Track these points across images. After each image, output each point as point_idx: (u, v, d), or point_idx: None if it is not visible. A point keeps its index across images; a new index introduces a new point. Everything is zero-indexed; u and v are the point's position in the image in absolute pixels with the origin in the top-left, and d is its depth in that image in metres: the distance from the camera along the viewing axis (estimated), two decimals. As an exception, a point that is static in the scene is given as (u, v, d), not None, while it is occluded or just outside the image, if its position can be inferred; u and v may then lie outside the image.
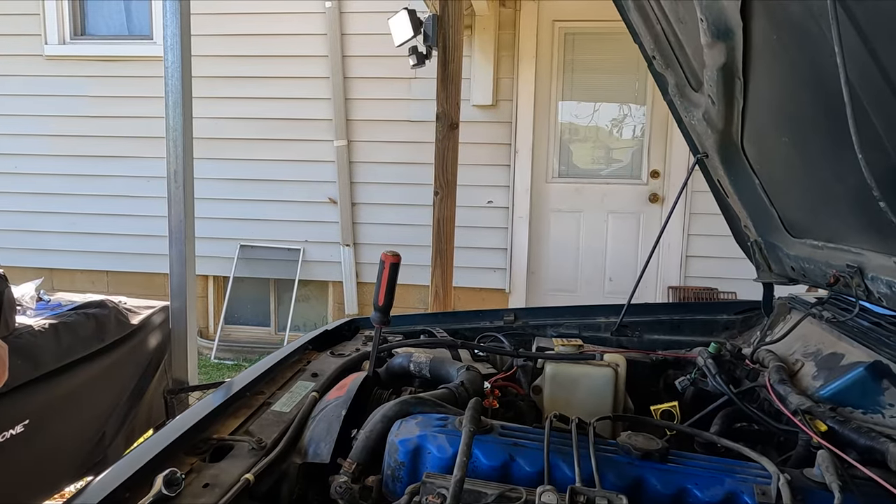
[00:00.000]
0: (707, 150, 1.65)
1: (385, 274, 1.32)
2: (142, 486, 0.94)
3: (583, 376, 1.47)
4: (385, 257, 1.32)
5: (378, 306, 1.34)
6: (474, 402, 1.07)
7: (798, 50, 1.07)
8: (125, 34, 5.53)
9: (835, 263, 1.33)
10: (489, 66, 4.95)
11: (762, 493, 0.96)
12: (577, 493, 0.90)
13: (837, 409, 1.19)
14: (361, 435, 1.13)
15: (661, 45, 1.61)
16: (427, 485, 0.95)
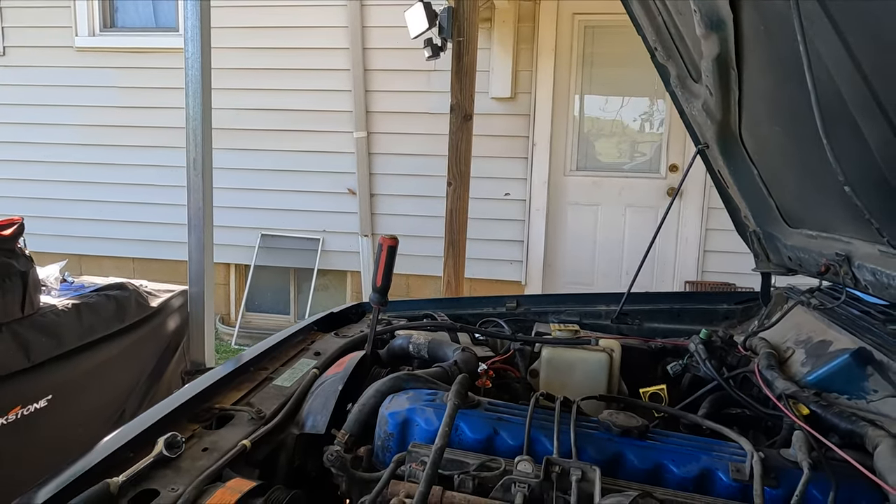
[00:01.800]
0: (707, 140, 1.66)
1: (383, 257, 1.37)
2: (145, 447, 1.00)
3: (578, 360, 1.50)
4: (383, 240, 1.37)
5: (376, 287, 1.39)
6: (461, 378, 1.12)
7: (783, 42, 1.09)
8: (153, 26, 5.66)
9: (826, 252, 1.34)
10: (508, 59, 4.97)
11: (736, 470, 1.00)
12: (552, 464, 0.94)
13: (822, 395, 1.21)
14: (355, 408, 1.18)
15: (663, 36, 1.63)
16: (412, 454, 1.00)
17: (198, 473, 0.95)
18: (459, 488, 0.96)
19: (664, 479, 1.02)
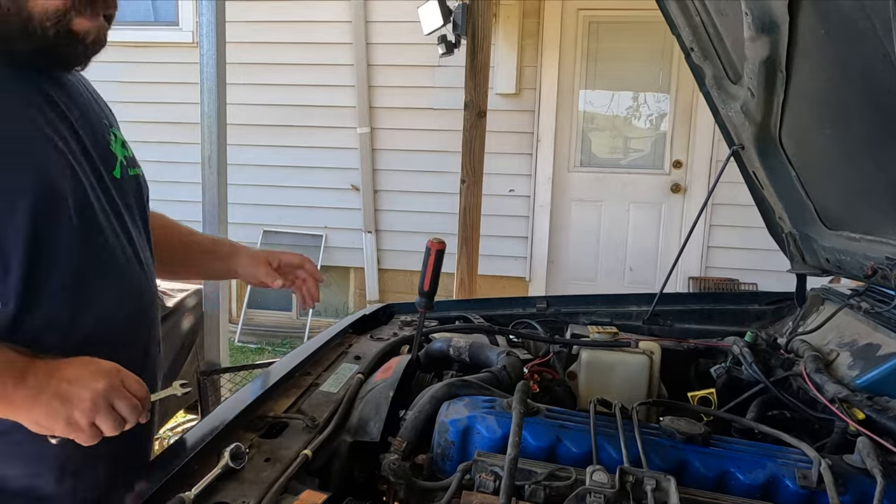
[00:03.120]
0: (743, 142, 1.66)
1: (431, 260, 1.35)
2: (208, 458, 0.99)
3: (618, 363, 1.50)
4: (431, 244, 1.35)
5: (423, 291, 1.37)
6: (523, 385, 1.11)
7: (846, 44, 1.08)
8: (152, 20, 5.59)
9: (873, 255, 1.35)
10: (513, 55, 4.96)
11: (803, 477, 1.00)
12: (626, 473, 0.94)
13: (875, 398, 1.21)
14: (410, 415, 1.17)
15: (700, 37, 1.62)
16: (479, 463, 0.99)
17: (265, 485, 0.94)
18: (530, 498, 0.95)
19: (730, 486, 1.02)
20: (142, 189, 1.26)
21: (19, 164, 0.96)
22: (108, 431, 0.94)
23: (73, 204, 1.01)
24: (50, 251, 0.99)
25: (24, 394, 0.90)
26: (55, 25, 1.00)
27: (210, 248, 1.53)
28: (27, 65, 1.03)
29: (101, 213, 1.07)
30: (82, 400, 0.91)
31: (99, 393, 0.92)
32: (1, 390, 0.89)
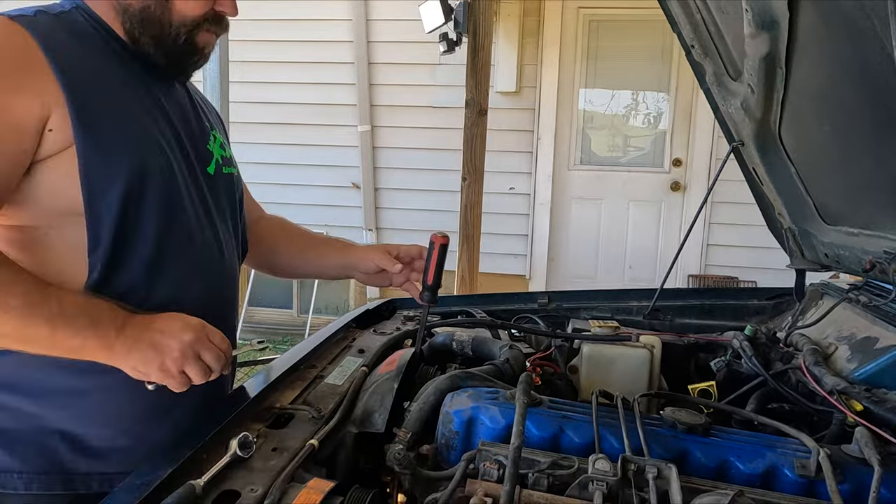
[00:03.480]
0: (743, 138, 1.68)
1: (434, 255, 1.37)
2: (216, 449, 1.00)
3: (619, 357, 1.51)
4: (435, 238, 1.37)
5: (427, 285, 1.39)
6: (526, 377, 1.13)
7: (845, 41, 1.10)
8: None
9: (871, 250, 1.36)
10: (513, 53, 4.98)
11: (802, 467, 1.01)
12: (628, 461, 0.95)
13: (872, 391, 1.23)
14: (415, 406, 1.19)
15: (701, 34, 1.64)
16: (483, 452, 1.01)
17: (273, 473, 0.96)
18: (534, 486, 0.97)
19: (730, 475, 1.04)
20: (234, 187, 1.36)
21: (123, 150, 1.07)
22: (196, 379, 1.05)
23: (164, 191, 1.12)
24: (136, 230, 1.10)
25: (123, 342, 1.01)
26: (186, 34, 1.14)
27: (327, 241, 1.60)
28: (149, 65, 1.16)
29: (188, 202, 1.18)
30: (172, 349, 1.02)
31: (187, 343, 1.04)
32: (104, 339, 1.00)
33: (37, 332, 0.97)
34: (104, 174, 1.05)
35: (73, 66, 1.04)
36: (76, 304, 1.00)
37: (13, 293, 0.95)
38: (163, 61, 1.17)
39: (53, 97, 1.01)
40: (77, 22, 1.11)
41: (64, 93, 1.01)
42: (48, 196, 1.05)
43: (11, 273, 0.97)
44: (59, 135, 1.02)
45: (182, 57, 1.18)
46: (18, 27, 1.02)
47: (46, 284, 0.99)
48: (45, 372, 1.09)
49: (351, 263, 1.52)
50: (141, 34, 1.13)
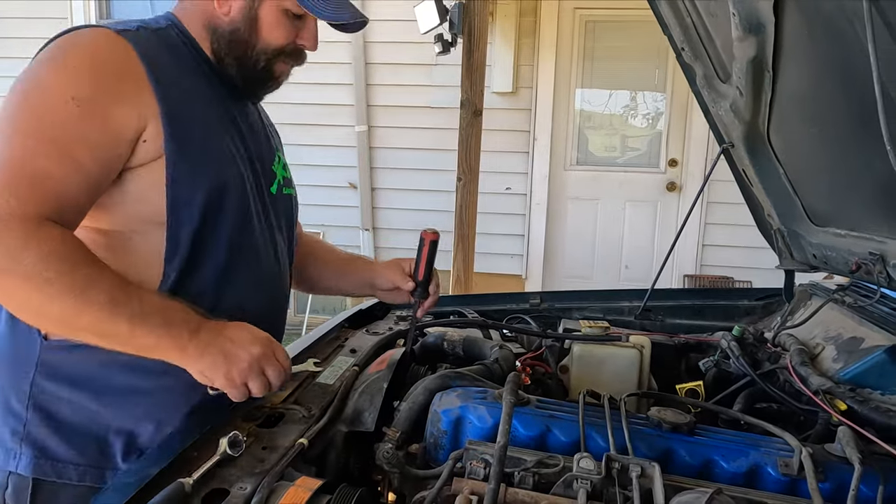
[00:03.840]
0: (733, 140, 1.69)
1: (425, 251, 1.39)
2: (206, 447, 1.02)
3: (609, 357, 1.53)
4: (425, 235, 1.39)
5: (417, 281, 1.41)
6: (514, 376, 1.14)
7: (828, 45, 1.11)
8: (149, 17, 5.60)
9: (857, 251, 1.38)
10: (510, 53, 4.99)
11: (785, 465, 1.03)
12: (612, 460, 0.96)
13: (857, 390, 1.24)
14: (404, 406, 1.20)
15: (691, 36, 1.65)
16: (470, 451, 1.02)
17: (263, 472, 0.97)
18: (519, 485, 0.98)
19: (714, 474, 1.05)
20: (292, 208, 1.44)
21: (206, 163, 1.14)
22: (256, 392, 1.10)
23: (237, 206, 1.20)
24: (211, 240, 1.16)
25: (196, 345, 1.04)
26: (265, 61, 1.22)
27: (351, 261, 1.63)
28: (229, 84, 1.23)
29: (255, 218, 1.25)
30: (241, 360, 1.07)
31: (255, 357, 1.08)
32: (178, 340, 1.03)
33: (117, 329, 1.00)
34: (188, 186, 1.11)
35: (168, 81, 1.10)
36: (155, 305, 1.03)
37: (99, 289, 0.98)
38: (241, 83, 1.25)
39: (150, 110, 1.07)
40: (172, 38, 1.18)
41: (159, 106, 1.07)
42: (134, 203, 1.11)
43: (98, 270, 1.01)
44: (152, 146, 1.08)
45: (258, 81, 1.26)
46: (122, 41, 1.07)
47: (129, 283, 1.03)
48: (109, 370, 1.13)
49: (370, 281, 1.55)
50: (226, 55, 1.21)
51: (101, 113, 1.03)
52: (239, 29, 1.19)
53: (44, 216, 0.97)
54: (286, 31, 1.21)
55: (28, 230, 0.95)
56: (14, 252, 0.93)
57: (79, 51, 1.06)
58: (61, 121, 1.01)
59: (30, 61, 1.09)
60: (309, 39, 1.25)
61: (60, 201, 1.00)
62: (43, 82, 1.04)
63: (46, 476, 1.13)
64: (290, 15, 1.20)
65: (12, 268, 0.94)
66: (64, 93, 1.02)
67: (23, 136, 1.00)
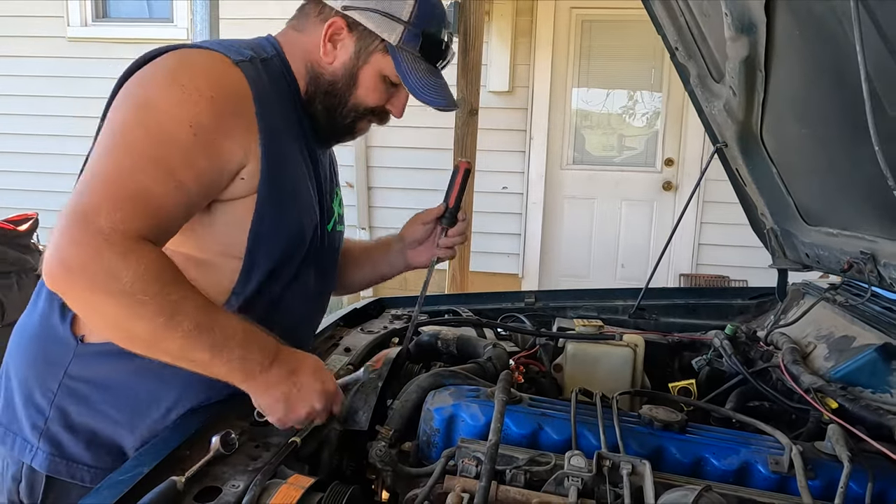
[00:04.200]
0: (726, 139, 1.70)
1: (459, 177, 1.47)
2: (199, 445, 1.02)
3: (603, 355, 1.53)
4: (460, 163, 1.48)
5: (448, 208, 1.47)
6: (506, 375, 1.14)
7: (819, 45, 1.12)
8: (146, 17, 5.60)
9: (849, 250, 1.38)
10: (506, 53, 4.99)
11: (775, 463, 1.03)
12: (603, 458, 0.97)
13: (848, 389, 1.25)
14: (397, 404, 1.20)
15: (685, 36, 1.66)
16: (462, 449, 1.03)
17: (255, 469, 0.97)
18: (511, 482, 0.98)
19: (705, 471, 1.06)
20: (340, 243, 1.47)
21: (290, 210, 1.17)
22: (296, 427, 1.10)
23: (304, 250, 1.23)
24: (276, 278, 1.19)
25: (264, 381, 1.04)
26: (352, 118, 1.26)
27: (377, 244, 1.66)
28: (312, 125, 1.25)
29: (313, 254, 1.27)
30: (299, 410, 1.07)
31: (314, 411, 1.09)
32: (249, 374, 1.03)
33: (197, 356, 0.99)
34: (271, 229, 1.13)
35: (271, 120, 1.11)
36: (235, 333, 1.02)
37: (187, 313, 0.96)
38: (322, 129, 1.27)
39: (253, 149, 1.08)
40: (276, 71, 1.18)
41: (261, 147, 1.09)
42: (217, 234, 1.12)
43: (187, 292, 0.99)
44: (247, 184, 1.10)
45: (339, 133, 1.29)
46: (240, 73, 1.08)
47: (213, 307, 1.02)
48: (138, 380, 1.13)
49: (399, 250, 1.58)
50: (318, 100, 1.23)
51: (214, 144, 1.04)
52: (338, 82, 1.21)
53: (142, 234, 0.96)
54: (380, 95, 1.24)
55: (128, 247, 0.93)
56: (113, 270, 0.91)
57: (198, 76, 1.04)
58: (175, 144, 1.00)
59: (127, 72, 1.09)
60: (398, 107, 1.28)
61: (159, 221, 0.99)
62: (160, 103, 1.02)
63: (60, 475, 1.14)
64: (387, 81, 1.23)
65: (109, 286, 0.91)
66: (183, 117, 1.01)
67: (132, 153, 0.99)
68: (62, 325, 1.13)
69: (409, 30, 1.19)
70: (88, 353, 1.13)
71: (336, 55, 1.20)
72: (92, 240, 0.91)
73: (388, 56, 1.20)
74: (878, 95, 0.99)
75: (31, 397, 1.16)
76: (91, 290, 0.92)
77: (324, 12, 1.21)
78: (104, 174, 0.97)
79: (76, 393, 1.14)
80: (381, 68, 1.21)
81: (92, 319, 1.00)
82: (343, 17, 1.19)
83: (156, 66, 1.08)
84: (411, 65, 1.21)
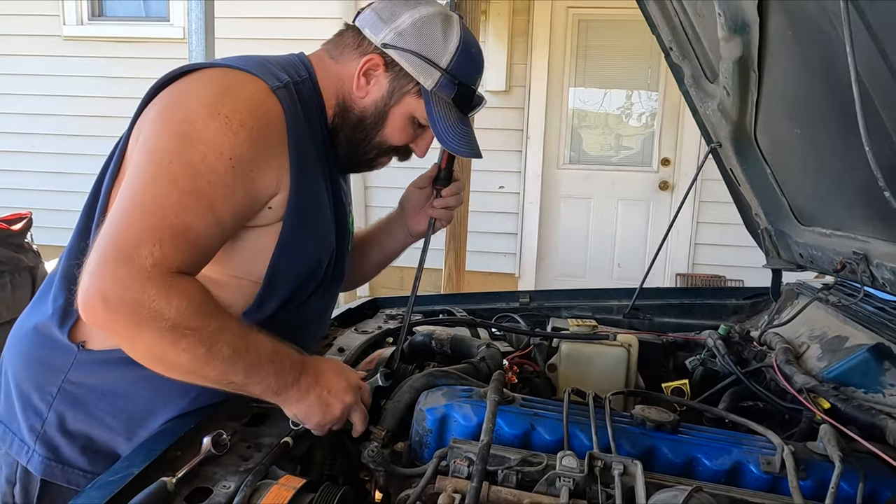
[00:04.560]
0: (721, 139, 1.70)
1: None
2: (190, 446, 1.02)
3: (597, 355, 1.53)
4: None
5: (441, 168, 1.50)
6: (498, 375, 1.14)
7: (811, 45, 1.12)
8: (142, 16, 5.59)
9: (842, 251, 1.38)
10: (503, 52, 4.99)
11: (767, 463, 1.03)
12: (595, 458, 0.97)
13: (840, 389, 1.25)
14: (390, 405, 1.20)
15: (679, 37, 1.66)
16: (454, 449, 1.02)
17: (247, 470, 0.97)
18: (503, 483, 0.98)
19: (697, 472, 1.06)
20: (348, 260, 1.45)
21: (311, 241, 1.18)
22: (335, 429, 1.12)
23: (321, 276, 1.25)
24: (292, 302, 1.21)
25: (296, 392, 1.06)
26: (375, 154, 1.27)
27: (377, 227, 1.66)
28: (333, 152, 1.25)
29: (326, 279, 1.28)
30: (335, 410, 1.09)
31: (348, 405, 1.10)
32: (281, 389, 1.04)
33: (233, 379, 1.01)
34: (291, 258, 1.14)
35: (300, 152, 1.12)
36: (267, 353, 1.03)
37: (225, 341, 0.97)
38: (343, 160, 1.27)
39: (284, 180, 1.09)
40: (307, 96, 1.17)
41: (290, 179, 1.10)
42: (236, 258, 1.13)
43: (223, 321, 0.99)
44: (274, 213, 1.11)
45: (359, 165, 1.30)
46: (277, 103, 1.07)
47: (245, 329, 1.02)
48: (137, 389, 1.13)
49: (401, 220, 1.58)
50: (344, 133, 1.23)
51: (251, 177, 1.04)
52: (367, 118, 1.21)
53: (182, 269, 0.96)
54: (407, 136, 1.25)
55: (169, 283, 0.93)
56: (156, 307, 0.91)
57: (240, 107, 1.03)
58: (216, 178, 1.00)
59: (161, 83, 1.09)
60: (422, 148, 1.30)
61: (197, 255, 1.00)
62: (204, 134, 1.00)
63: (55, 479, 1.14)
64: (415, 122, 1.24)
65: (152, 323, 0.92)
66: (224, 151, 1.00)
67: (175, 186, 0.97)
68: (61, 332, 1.13)
69: (446, 77, 1.19)
70: (90, 361, 1.13)
71: (368, 90, 1.20)
72: (135, 278, 0.91)
73: (420, 99, 1.20)
74: (870, 95, 1.00)
75: (29, 400, 1.16)
76: (134, 326, 0.93)
77: (362, 46, 1.20)
78: (145, 206, 0.96)
79: (75, 398, 1.14)
80: (412, 110, 1.21)
81: (133, 351, 0.99)
82: (381, 54, 1.18)
83: (196, 87, 1.07)
84: (443, 111, 1.21)
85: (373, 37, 1.18)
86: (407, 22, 1.18)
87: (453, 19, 1.23)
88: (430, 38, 1.18)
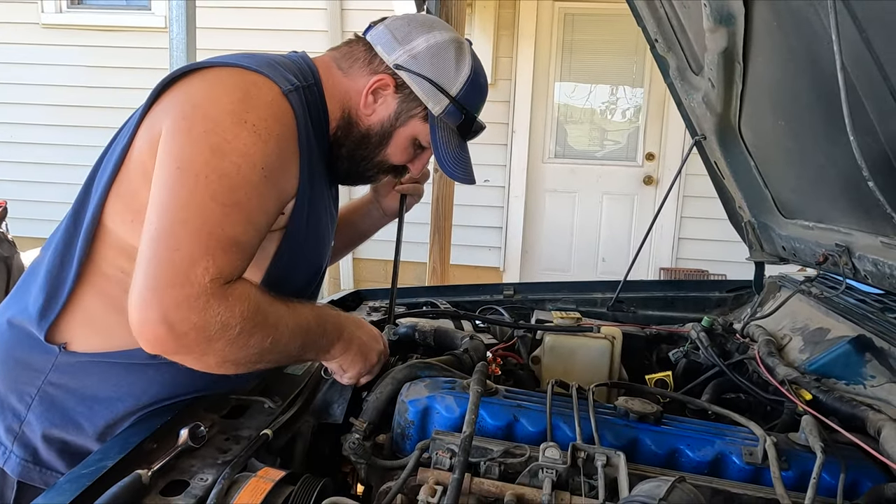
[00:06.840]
0: (705, 132, 1.70)
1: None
2: (167, 437, 1.00)
3: (580, 347, 1.53)
4: None
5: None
6: (481, 366, 1.13)
7: (796, 37, 1.12)
8: (123, 4, 5.50)
9: (824, 243, 1.39)
10: (489, 45, 4.97)
11: (749, 454, 1.03)
12: (577, 450, 0.96)
13: (822, 380, 1.26)
14: (372, 396, 1.19)
15: (664, 28, 1.65)
16: (436, 441, 1.01)
17: (224, 462, 0.95)
18: (486, 474, 0.98)
19: (680, 463, 1.06)
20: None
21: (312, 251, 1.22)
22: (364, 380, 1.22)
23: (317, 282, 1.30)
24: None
25: (342, 346, 1.15)
26: (374, 172, 1.28)
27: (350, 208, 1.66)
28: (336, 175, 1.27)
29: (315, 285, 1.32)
30: (372, 356, 1.20)
31: (380, 353, 1.22)
32: (329, 345, 1.13)
33: (290, 355, 1.08)
34: (291, 266, 1.16)
35: (308, 159, 1.11)
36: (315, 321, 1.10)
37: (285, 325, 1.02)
38: (340, 172, 1.27)
39: (295, 187, 1.10)
40: (313, 103, 1.16)
41: (299, 185, 1.10)
42: None
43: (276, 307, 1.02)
44: (282, 219, 1.11)
45: (355, 179, 1.30)
46: (290, 108, 1.06)
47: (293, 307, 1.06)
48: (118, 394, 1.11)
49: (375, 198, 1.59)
50: (346, 147, 1.23)
51: (278, 184, 1.05)
52: (371, 137, 1.21)
53: (235, 277, 0.98)
54: (407, 156, 1.26)
55: (227, 293, 0.94)
56: (224, 320, 0.93)
57: (264, 114, 1.02)
58: (252, 188, 1.00)
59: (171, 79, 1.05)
60: (418, 167, 1.31)
61: (245, 262, 1.01)
62: (235, 146, 0.98)
63: (32, 482, 1.11)
64: (416, 144, 1.25)
65: (223, 335, 0.93)
66: (257, 162, 1.00)
67: (215, 202, 0.96)
68: (41, 333, 1.09)
69: (455, 105, 1.19)
70: (72, 363, 1.10)
71: (375, 109, 1.20)
72: (197, 298, 0.91)
73: (425, 123, 1.21)
74: (854, 87, 0.99)
75: (7, 400, 1.13)
76: (205, 343, 0.93)
77: (374, 63, 1.19)
78: (189, 224, 0.94)
79: (54, 401, 1.11)
80: (416, 133, 1.22)
81: (202, 364, 0.98)
82: (393, 75, 1.18)
83: (214, 91, 1.03)
84: (446, 137, 1.22)
85: (385, 56, 1.18)
86: (422, 46, 1.17)
87: (465, 47, 1.23)
88: (443, 65, 1.18)
